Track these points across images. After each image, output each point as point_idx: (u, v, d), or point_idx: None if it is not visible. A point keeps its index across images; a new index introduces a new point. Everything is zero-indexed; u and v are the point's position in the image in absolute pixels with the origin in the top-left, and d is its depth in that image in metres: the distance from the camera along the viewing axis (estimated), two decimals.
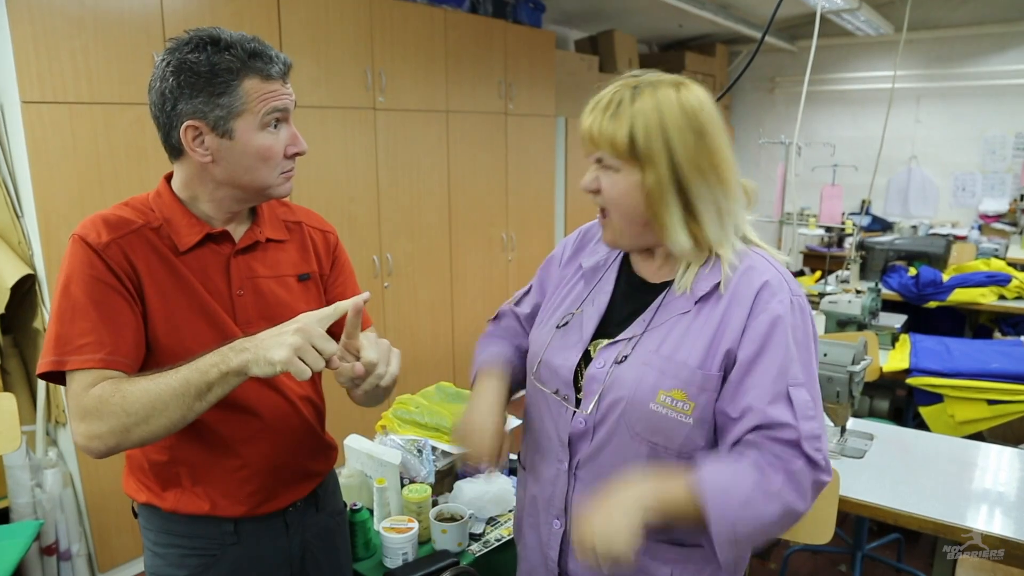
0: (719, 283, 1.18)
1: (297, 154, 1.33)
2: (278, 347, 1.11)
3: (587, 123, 1.19)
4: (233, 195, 1.33)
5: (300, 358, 1.11)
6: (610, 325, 1.28)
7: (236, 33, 1.26)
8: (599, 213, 1.26)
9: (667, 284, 1.25)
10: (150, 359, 1.28)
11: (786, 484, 1.10)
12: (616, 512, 1.09)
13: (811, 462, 1.11)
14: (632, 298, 1.29)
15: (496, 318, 1.55)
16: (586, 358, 1.27)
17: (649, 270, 1.29)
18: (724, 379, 1.16)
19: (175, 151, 1.30)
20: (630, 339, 1.22)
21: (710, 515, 1.09)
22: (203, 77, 1.21)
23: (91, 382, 1.19)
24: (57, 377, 1.22)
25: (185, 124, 1.24)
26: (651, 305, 1.24)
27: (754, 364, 1.14)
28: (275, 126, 1.28)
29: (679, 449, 1.18)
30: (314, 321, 1.16)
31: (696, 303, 1.19)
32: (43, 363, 1.21)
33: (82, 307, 1.21)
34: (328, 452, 1.55)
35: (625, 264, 1.34)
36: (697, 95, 1.18)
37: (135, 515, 1.44)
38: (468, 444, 1.30)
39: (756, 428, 1.12)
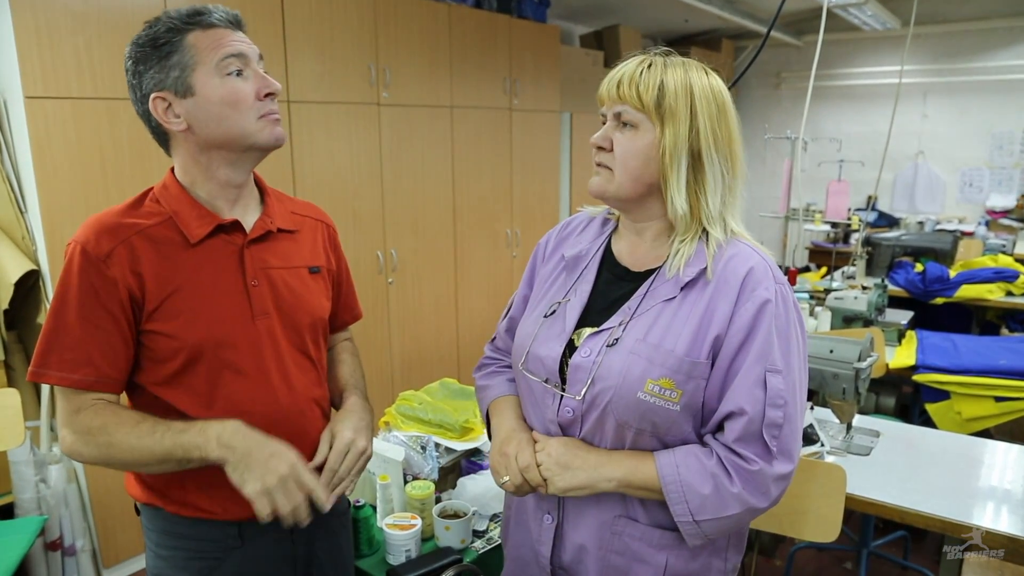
0: (704, 268, 1.19)
1: (269, 94, 1.30)
2: (256, 479, 1.19)
3: (613, 82, 1.21)
4: (223, 158, 1.31)
5: (271, 498, 1.19)
6: (593, 314, 1.28)
7: (180, 8, 1.27)
8: (595, 165, 1.26)
9: (650, 272, 1.26)
10: (175, 354, 1.28)
11: (745, 486, 1.16)
12: (576, 464, 1.21)
13: (766, 450, 1.15)
14: (615, 286, 1.29)
15: (493, 340, 1.56)
16: (570, 348, 1.27)
17: (634, 256, 1.29)
18: (713, 366, 1.18)
19: (161, 136, 1.31)
20: (617, 326, 1.22)
21: (672, 508, 1.18)
22: (149, 46, 1.24)
23: (78, 404, 1.25)
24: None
25: (152, 97, 1.25)
26: (636, 292, 1.25)
27: (739, 352, 1.16)
28: (237, 74, 1.27)
29: (664, 434, 1.20)
30: (300, 467, 1.24)
31: (682, 289, 1.20)
32: (30, 370, 1.26)
33: (73, 325, 1.23)
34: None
35: (607, 254, 1.34)
36: (720, 82, 1.23)
37: (138, 512, 1.43)
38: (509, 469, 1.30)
39: (728, 415, 1.17)
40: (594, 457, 1.22)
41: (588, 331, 1.25)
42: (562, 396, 1.25)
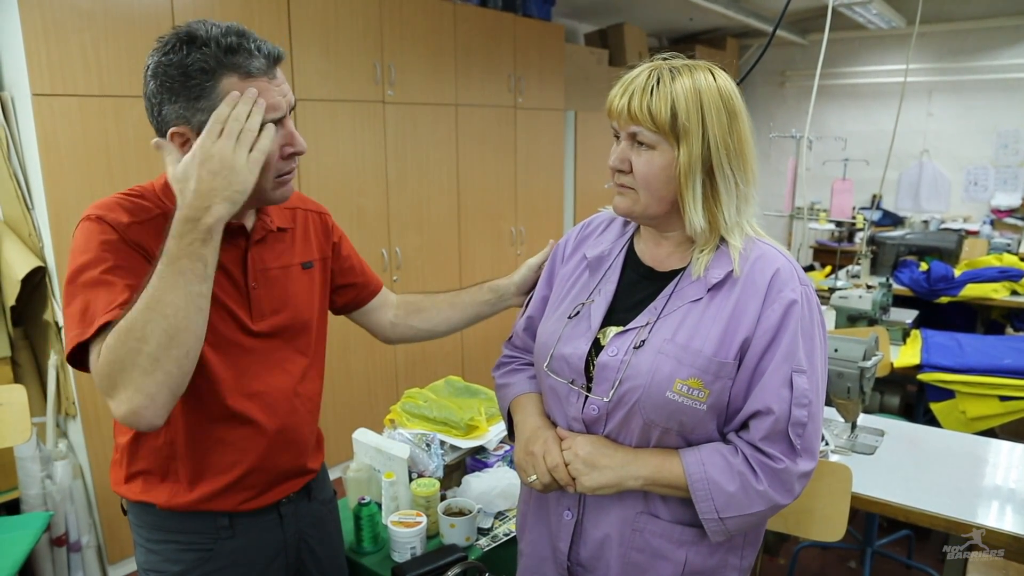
0: (731, 271, 1.20)
1: (294, 154, 1.27)
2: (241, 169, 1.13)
3: (623, 100, 1.19)
4: None
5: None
6: (618, 312, 1.29)
7: (218, 27, 1.17)
8: (617, 186, 1.25)
9: (675, 273, 1.26)
10: None
11: (771, 484, 1.17)
12: (604, 463, 1.21)
13: (791, 449, 1.17)
14: (640, 286, 1.30)
15: (510, 339, 1.56)
16: (595, 347, 1.27)
17: (658, 257, 1.30)
18: (740, 366, 1.18)
19: None
20: (644, 326, 1.23)
21: (698, 505, 1.19)
22: (178, 80, 1.15)
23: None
24: (83, 362, 1.13)
25: (171, 131, 1.18)
26: (662, 293, 1.25)
27: (767, 353, 1.17)
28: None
29: (690, 433, 1.21)
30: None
31: (708, 291, 1.21)
32: (69, 339, 1.12)
33: (107, 279, 1.14)
34: (320, 447, 1.57)
35: (631, 254, 1.35)
36: (729, 80, 1.21)
37: (124, 512, 1.43)
38: (537, 468, 1.29)
39: (755, 414, 1.17)
40: (621, 455, 1.22)
41: (614, 330, 1.26)
42: (587, 396, 1.25)
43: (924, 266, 4.45)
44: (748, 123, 1.22)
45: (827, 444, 2.27)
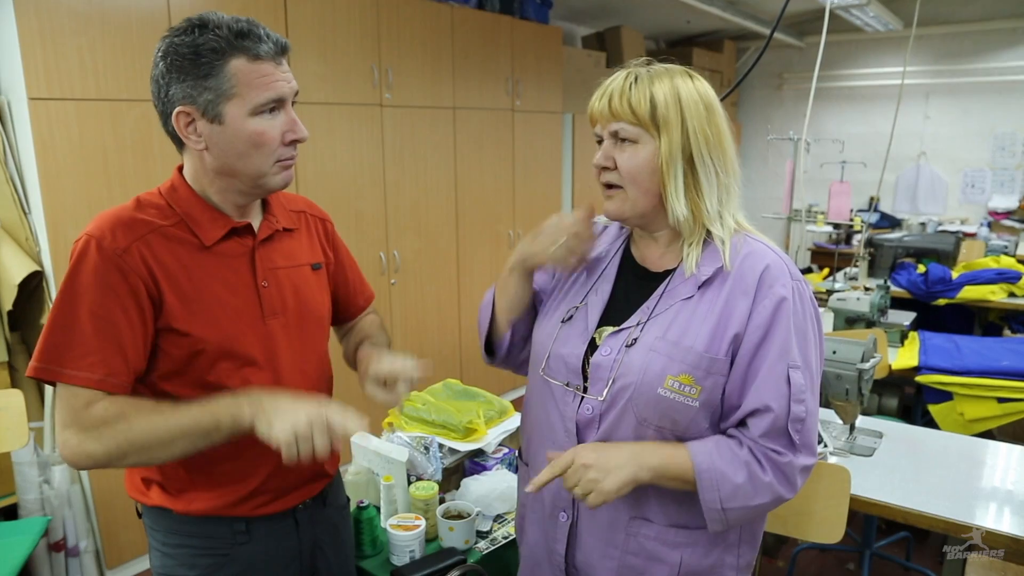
0: (721, 267, 1.21)
1: (295, 141, 1.28)
2: (283, 424, 1.15)
3: (603, 100, 1.22)
4: (231, 185, 1.29)
5: (298, 444, 1.15)
6: (614, 314, 1.30)
7: (229, 16, 1.22)
8: (604, 188, 1.27)
9: (669, 272, 1.28)
10: (187, 355, 1.26)
11: (775, 477, 1.18)
12: (615, 463, 1.18)
13: (792, 444, 1.18)
14: (636, 287, 1.31)
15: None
16: (591, 347, 1.28)
17: (652, 257, 1.32)
18: (732, 362, 1.19)
19: (177, 141, 1.28)
20: (636, 325, 1.24)
21: (703, 495, 1.19)
22: (188, 59, 1.18)
23: (89, 400, 1.19)
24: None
25: (176, 110, 1.21)
26: (655, 292, 1.26)
27: (759, 350, 1.18)
28: (270, 111, 1.24)
29: (684, 432, 1.22)
30: (334, 412, 1.18)
31: (699, 288, 1.22)
32: (34, 367, 1.19)
33: (84, 321, 1.18)
34: (335, 451, 1.56)
35: (627, 255, 1.36)
36: (705, 84, 1.25)
37: (139, 515, 1.43)
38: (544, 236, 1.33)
39: (753, 412, 1.18)
40: (627, 449, 1.21)
41: (609, 330, 1.27)
42: (583, 397, 1.26)
43: (922, 268, 4.46)
44: (726, 119, 1.24)
45: (826, 446, 2.27)
